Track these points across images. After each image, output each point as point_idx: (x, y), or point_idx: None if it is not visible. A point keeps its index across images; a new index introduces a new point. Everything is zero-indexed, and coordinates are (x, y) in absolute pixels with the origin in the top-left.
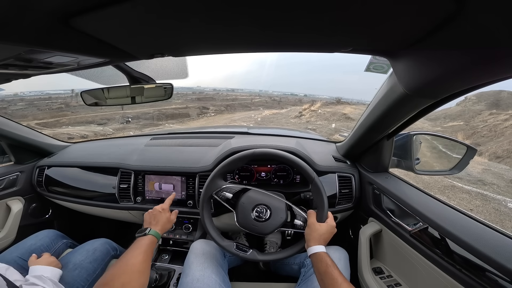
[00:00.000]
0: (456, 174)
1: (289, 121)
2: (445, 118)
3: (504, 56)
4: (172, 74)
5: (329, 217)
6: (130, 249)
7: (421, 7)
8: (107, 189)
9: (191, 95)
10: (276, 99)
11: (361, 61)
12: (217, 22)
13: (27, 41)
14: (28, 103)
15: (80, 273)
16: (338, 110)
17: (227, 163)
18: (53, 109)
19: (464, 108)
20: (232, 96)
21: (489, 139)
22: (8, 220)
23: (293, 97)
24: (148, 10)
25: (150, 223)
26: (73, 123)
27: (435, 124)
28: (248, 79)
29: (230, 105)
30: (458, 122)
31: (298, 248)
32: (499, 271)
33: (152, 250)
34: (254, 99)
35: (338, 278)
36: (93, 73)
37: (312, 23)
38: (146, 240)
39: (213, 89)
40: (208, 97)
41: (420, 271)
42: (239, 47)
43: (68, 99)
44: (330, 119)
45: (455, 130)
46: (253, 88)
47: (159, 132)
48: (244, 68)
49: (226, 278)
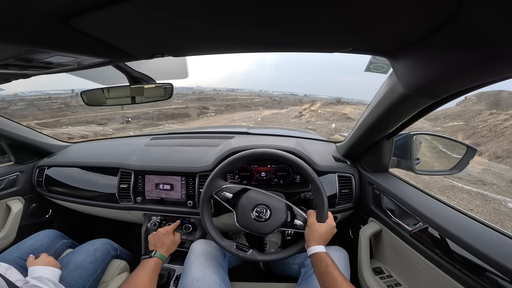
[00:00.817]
0: (456, 174)
1: (289, 121)
2: (445, 118)
3: (504, 56)
4: (172, 74)
5: (329, 217)
6: (136, 270)
7: (421, 7)
8: (107, 189)
9: (191, 95)
10: (276, 99)
11: (361, 61)
12: (217, 22)
13: (27, 41)
14: (28, 103)
15: (81, 274)
16: (338, 110)
17: (227, 163)
18: (53, 109)
19: (464, 108)
20: (232, 96)
21: (489, 139)
22: (8, 220)
23: (293, 97)
24: (148, 10)
25: (155, 245)
26: (73, 123)
27: (435, 124)
28: (248, 79)
29: (230, 105)
30: (458, 122)
31: (298, 248)
32: (499, 271)
33: (157, 272)
34: (254, 99)
35: (338, 278)
36: (93, 73)
37: (312, 23)
38: (152, 262)
39: (213, 89)
40: (208, 97)
41: (420, 271)
42: (239, 47)
43: (68, 99)
44: (330, 119)
45: (455, 130)
46: (253, 88)
47: (159, 132)
48: (244, 68)
49: (226, 278)
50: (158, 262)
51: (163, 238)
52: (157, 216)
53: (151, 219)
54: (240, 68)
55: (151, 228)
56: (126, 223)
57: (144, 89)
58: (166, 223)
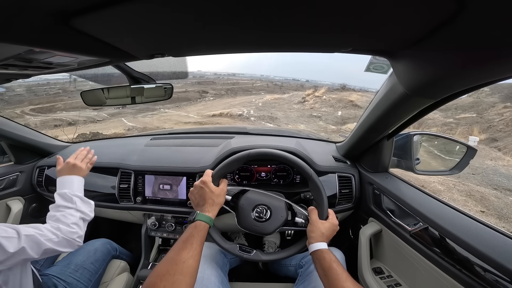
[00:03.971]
0: (456, 174)
1: (291, 106)
2: (456, 109)
3: (504, 56)
4: (172, 74)
5: (330, 215)
6: (177, 242)
7: (421, 8)
8: (107, 189)
9: (192, 79)
10: (278, 84)
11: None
12: (218, 22)
13: (27, 41)
14: (26, 89)
15: (83, 274)
16: (344, 96)
17: (223, 166)
18: (51, 95)
19: (477, 100)
20: (233, 80)
21: (506, 134)
22: (8, 220)
23: (294, 82)
24: (149, 10)
25: (197, 204)
26: (68, 109)
27: (446, 115)
28: (250, 62)
29: (231, 89)
30: (471, 114)
31: (301, 246)
32: (499, 271)
33: (200, 239)
34: (256, 83)
35: (342, 274)
36: (93, 73)
37: (312, 24)
38: (189, 230)
39: (214, 73)
40: (208, 81)
41: (420, 271)
42: (239, 47)
43: (67, 84)
44: (336, 106)
45: (469, 123)
46: (254, 73)
47: (159, 132)
48: (246, 54)
49: (225, 279)
50: (200, 226)
51: (201, 192)
52: (157, 216)
53: (151, 219)
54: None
55: (151, 228)
56: (126, 223)
57: (144, 89)
58: (166, 223)
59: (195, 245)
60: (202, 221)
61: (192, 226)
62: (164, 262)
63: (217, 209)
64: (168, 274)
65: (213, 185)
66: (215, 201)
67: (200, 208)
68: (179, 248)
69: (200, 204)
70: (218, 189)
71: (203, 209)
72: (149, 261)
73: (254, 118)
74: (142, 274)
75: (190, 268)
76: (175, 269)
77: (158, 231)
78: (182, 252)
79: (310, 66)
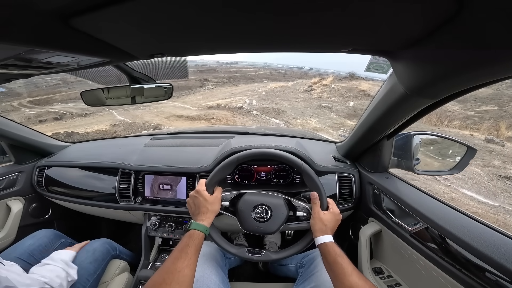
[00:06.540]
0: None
1: (297, 95)
2: (475, 100)
3: (504, 56)
4: (172, 74)
5: (330, 203)
6: (173, 250)
7: (422, 8)
8: (107, 189)
9: (193, 67)
10: (281, 71)
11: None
12: (218, 22)
13: (27, 41)
14: (27, 80)
15: (81, 274)
16: (355, 86)
17: (215, 173)
18: (50, 86)
19: (497, 92)
20: (235, 68)
21: None
22: (8, 220)
23: (298, 70)
24: (149, 10)
25: (193, 213)
26: (65, 100)
27: (465, 107)
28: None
29: (233, 77)
30: (492, 106)
31: (308, 240)
32: (499, 271)
33: (194, 248)
34: (259, 71)
35: (348, 267)
36: (93, 73)
37: (312, 24)
38: (184, 239)
39: (216, 62)
40: (211, 69)
41: (420, 271)
42: (239, 47)
43: (68, 75)
44: (346, 95)
45: (492, 117)
46: (257, 61)
47: (159, 132)
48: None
49: (225, 279)
50: (194, 235)
51: (196, 202)
52: (157, 216)
53: (151, 219)
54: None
55: (151, 228)
56: (126, 223)
57: (144, 89)
58: (166, 223)
59: (189, 254)
60: (196, 230)
61: (187, 236)
62: (160, 271)
63: (212, 217)
64: (164, 283)
65: (207, 193)
66: (209, 209)
67: (195, 217)
68: (175, 257)
69: (196, 213)
70: (212, 197)
71: (198, 218)
72: (149, 261)
73: (257, 112)
74: (142, 274)
75: (186, 277)
76: (171, 279)
77: (158, 231)
78: (177, 262)
79: (314, 54)
